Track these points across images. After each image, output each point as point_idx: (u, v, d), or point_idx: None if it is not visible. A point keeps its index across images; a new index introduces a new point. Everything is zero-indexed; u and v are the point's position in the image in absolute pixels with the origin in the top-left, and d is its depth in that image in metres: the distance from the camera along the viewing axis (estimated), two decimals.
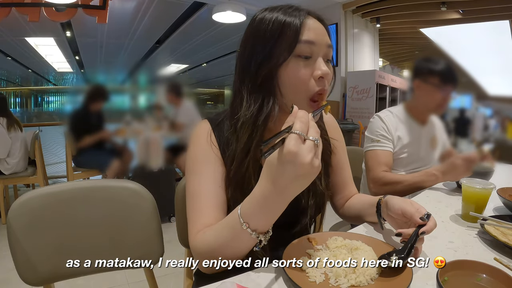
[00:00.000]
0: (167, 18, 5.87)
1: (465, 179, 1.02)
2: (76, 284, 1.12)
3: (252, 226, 0.58)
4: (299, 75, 0.70)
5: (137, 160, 2.89)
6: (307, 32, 0.69)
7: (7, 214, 0.83)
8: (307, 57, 0.70)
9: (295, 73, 0.70)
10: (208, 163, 0.76)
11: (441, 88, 1.44)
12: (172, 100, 3.13)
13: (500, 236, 0.77)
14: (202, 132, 0.79)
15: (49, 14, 3.93)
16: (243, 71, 0.76)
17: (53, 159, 4.61)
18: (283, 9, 0.73)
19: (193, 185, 0.76)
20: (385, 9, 4.90)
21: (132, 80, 8.99)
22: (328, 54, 0.73)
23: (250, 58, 0.74)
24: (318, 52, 0.71)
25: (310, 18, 0.72)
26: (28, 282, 0.85)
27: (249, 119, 0.73)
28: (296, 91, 0.71)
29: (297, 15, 0.71)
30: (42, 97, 17.84)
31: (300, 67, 0.70)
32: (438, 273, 0.55)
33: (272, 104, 0.73)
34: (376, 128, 1.53)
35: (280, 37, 0.70)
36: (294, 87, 0.71)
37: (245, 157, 0.74)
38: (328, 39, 0.73)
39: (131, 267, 0.96)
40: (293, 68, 0.70)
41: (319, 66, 0.70)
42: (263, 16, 0.74)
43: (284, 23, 0.70)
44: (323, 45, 0.71)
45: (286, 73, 0.71)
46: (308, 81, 0.70)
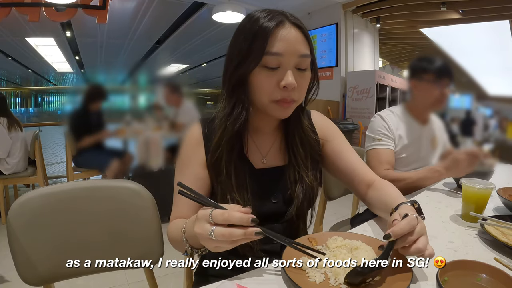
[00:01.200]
0: (167, 18, 5.88)
1: (465, 179, 1.02)
2: (76, 284, 1.12)
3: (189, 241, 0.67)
4: (263, 84, 0.73)
5: (137, 160, 2.89)
6: (276, 43, 0.71)
7: (7, 214, 0.83)
8: (274, 68, 0.72)
9: (260, 82, 0.73)
10: (189, 165, 0.83)
11: (436, 83, 1.45)
12: (171, 100, 3.12)
13: (500, 236, 0.77)
14: (192, 134, 0.85)
15: (49, 14, 3.93)
16: (223, 73, 0.81)
17: (53, 159, 4.61)
18: (262, 17, 0.74)
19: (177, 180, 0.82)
20: (385, 9, 4.90)
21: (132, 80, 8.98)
22: (301, 63, 0.74)
23: (228, 62, 0.79)
24: (287, 62, 0.72)
25: (285, 27, 0.72)
26: (28, 282, 0.85)
27: (221, 121, 0.79)
28: (260, 97, 0.76)
29: (269, 25, 0.71)
30: (42, 97, 17.84)
31: (265, 76, 0.73)
32: (438, 273, 0.55)
33: (241, 109, 0.77)
34: (377, 127, 1.53)
35: (251, 47, 0.72)
36: (259, 93, 0.75)
37: (216, 150, 0.79)
38: (302, 48, 0.73)
39: (131, 267, 0.96)
40: (259, 77, 0.73)
41: (284, 77, 0.72)
42: (243, 22, 0.78)
43: (255, 33, 0.72)
44: (294, 56, 0.72)
45: (253, 80, 0.74)
46: (271, 90, 0.73)
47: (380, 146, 1.50)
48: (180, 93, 3.15)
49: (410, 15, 4.96)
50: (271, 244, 0.82)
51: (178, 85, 3.32)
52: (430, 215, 1.00)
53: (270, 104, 0.76)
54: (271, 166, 0.88)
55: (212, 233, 0.55)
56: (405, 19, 5.16)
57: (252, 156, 0.86)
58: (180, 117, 3.08)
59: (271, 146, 0.89)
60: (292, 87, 0.72)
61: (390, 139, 1.50)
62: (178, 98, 3.13)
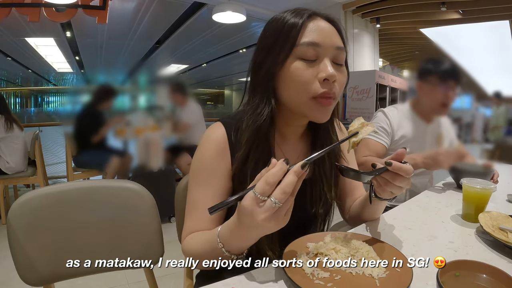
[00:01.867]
0: (167, 19, 5.88)
1: (465, 179, 1.02)
2: (76, 284, 1.12)
3: (226, 248, 0.62)
4: (300, 77, 0.68)
5: (137, 160, 2.88)
6: (310, 34, 0.68)
7: (7, 215, 0.83)
8: (310, 60, 0.68)
9: (296, 75, 0.68)
10: (214, 176, 0.76)
11: (441, 86, 1.44)
12: (177, 99, 3.12)
13: (501, 235, 0.77)
14: (215, 138, 0.77)
15: (49, 15, 3.93)
16: (250, 73, 0.76)
17: (53, 159, 4.61)
18: (290, 12, 0.71)
19: (195, 193, 0.77)
20: (385, 9, 4.90)
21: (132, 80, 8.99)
22: (337, 56, 0.70)
23: (255, 60, 0.74)
24: (324, 53, 0.68)
25: (317, 20, 0.70)
26: (28, 282, 0.85)
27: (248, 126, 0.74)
28: (297, 93, 0.70)
29: (299, 19, 0.69)
30: (42, 97, 17.85)
31: (302, 69, 0.68)
32: (438, 273, 0.55)
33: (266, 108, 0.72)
34: (378, 121, 1.53)
35: (279, 39, 0.69)
36: (295, 89, 0.69)
37: (245, 158, 0.74)
38: (337, 40, 0.70)
39: (131, 267, 0.96)
40: (294, 70, 0.68)
41: (323, 68, 0.67)
42: (269, 22, 0.74)
43: (283, 26, 0.69)
44: (330, 47, 0.68)
45: (286, 75, 0.69)
46: (311, 83, 0.68)
47: (374, 137, 1.50)
48: (185, 92, 3.16)
49: (410, 15, 4.96)
50: None
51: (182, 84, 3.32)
52: (430, 215, 1.01)
53: (309, 102, 0.69)
54: None
55: (275, 202, 0.51)
56: (405, 19, 5.16)
57: None
58: (186, 117, 3.08)
59: (298, 156, 0.84)
60: (334, 80, 0.68)
61: (387, 135, 1.51)
62: (183, 97, 3.13)
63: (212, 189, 0.76)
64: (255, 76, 0.74)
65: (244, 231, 0.58)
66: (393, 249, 0.68)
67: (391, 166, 0.64)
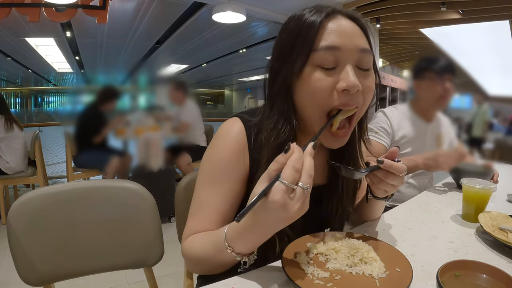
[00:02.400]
0: (167, 19, 5.87)
1: (465, 179, 1.02)
2: (76, 284, 1.12)
3: (236, 250, 0.58)
4: (314, 88, 0.60)
5: (137, 160, 2.89)
6: (328, 36, 0.59)
7: (7, 215, 0.83)
8: (329, 69, 0.60)
9: (312, 85, 0.60)
10: (228, 177, 0.70)
11: (438, 79, 1.46)
12: (177, 98, 3.13)
13: (501, 235, 0.77)
14: (235, 135, 0.70)
15: (49, 15, 3.93)
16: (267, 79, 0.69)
17: (53, 159, 4.61)
18: (309, 10, 0.63)
19: (204, 192, 0.71)
20: (385, 9, 4.89)
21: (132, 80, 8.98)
22: (362, 60, 0.61)
23: (270, 69, 0.68)
24: (345, 59, 0.60)
25: (337, 18, 0.61)
26: (28, 282, 0.85)
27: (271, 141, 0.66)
28: (311, 106, 0.62)
29: (317, 17, 0.60)
30: (42, 97, 17.85)
31: (317, 78, 0.60)
32: (438, 273, 0.55)
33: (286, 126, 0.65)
34: (378, 121, 1.54)
35: (295, 44, 0.61)
36: (309, 102, 0.62)
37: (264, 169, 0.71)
38: (361, 42, 0.62)
39: (131, 267, 0.96)
40: (310, 80, 0.60)
41: (344, 76, 0.59)
42: (286, 22, 0.66)
43: (301, 27, 0.61)
44: (352, 50, 0.60)
45: (303, 86, 0.62)
46: (327, 95, 0.60)
47: (374, 138, 1.50)
48: (184, 91, 3.16)
49: (410, 15, 4.95)
50: None
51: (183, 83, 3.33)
52: (430, 215, 1.01)
53: (321, 120, 0.63)
54: None
55: (305, 188, 0.48)
56: (405, 19, 5.15)
57: None
58: (184, 116, 3.08)
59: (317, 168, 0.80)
60: (356, 90, 0.59)
61: (387, 135, 1.51)
62: (182, 95, 3.13)
63: (224, 190, 0.70)
64: (272, 85, 0.67)
65: (264, 228, 0.53)
66: (393, 249, 0.68)
67: (382, 164, 0.64)
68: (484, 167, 1.35)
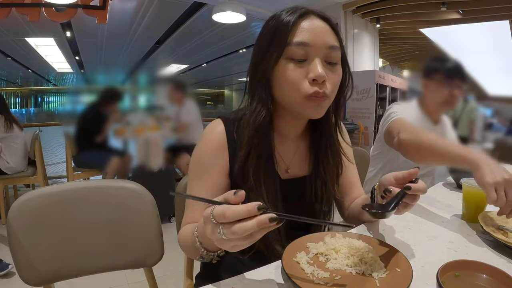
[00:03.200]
0: (167, 18, 5.88)
1: (465, 179, 1.02)
2: (76, 284, 1.12)
3: (204, 245, 0.61)
4: (290, 77, 0.69)
5: (137, 160, 2.88)
6: (300, 33, 0.68)
7: (7, 215, 0.83)
8: (300, 60, 0.68)
9: (287, 75, 0.69)
10: (210, 172, 0.77)
11: (446, 83, 1.43)
12: (176, 98, 3.12)
13: (501, 236, 0.77)
14: (214, 135, 0.78)
15: (49, 14, 3.93)
16: (247, 74, 0.78)
17: (53, 159, 4.61)
18: (285, 12, 0.71)
19: (191, 186, 0.79)
20: (385, 9, 4.90)
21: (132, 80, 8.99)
22: (330, 55, 0.69)
23: (251, 62, 0.76)
24: (314, 53, 0.68)
25: (309, 18, 0.70)
26: (28, 282, 0.85)
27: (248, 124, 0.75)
28: (291, 93, 0.70)
29: (292, 17, 0.69)
30: (42, 97, 17.86)
31: (291, 69, 0.68)
32: (438, 273, 0.55)
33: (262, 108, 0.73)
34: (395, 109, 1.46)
35: (272, 40, 0.70)
36: (288, 89, 0.70)
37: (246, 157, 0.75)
38: (329, 39, 0.69)
39: (131, 267, 0.96)
40: (285, 70, 0.69)
41: (312, 68, 0.68)
42: (266, 21, 0.74)
43: (277, 26, 0.70)
44: (321, 46, 0.68)
45: (279, 75, 0.70)
46: (301, 83, 0.68)
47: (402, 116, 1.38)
48: (183, 91, 3.16)
49: (410, 15, 4.95)
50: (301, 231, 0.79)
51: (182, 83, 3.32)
52: (430, 215, 1.00)
53: (303, 101, 0.70)
54: (295, 176, 0.84)
55: (221, 233, 0.47)
56: (405, 19, 5.15)
57: (277, 164, 0.81)
58: (183, 116, 3.08)
59: (295, 153, 0.85)
60: (322, 80, 0.68)
61: None
62: (181, 96, 3.13)
63: (207, 184, 0.76)
64: (252, 77, 0.75)
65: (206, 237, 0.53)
66: (393, 249, 0.68)
67: (410, 190, 0.65)
68: None
